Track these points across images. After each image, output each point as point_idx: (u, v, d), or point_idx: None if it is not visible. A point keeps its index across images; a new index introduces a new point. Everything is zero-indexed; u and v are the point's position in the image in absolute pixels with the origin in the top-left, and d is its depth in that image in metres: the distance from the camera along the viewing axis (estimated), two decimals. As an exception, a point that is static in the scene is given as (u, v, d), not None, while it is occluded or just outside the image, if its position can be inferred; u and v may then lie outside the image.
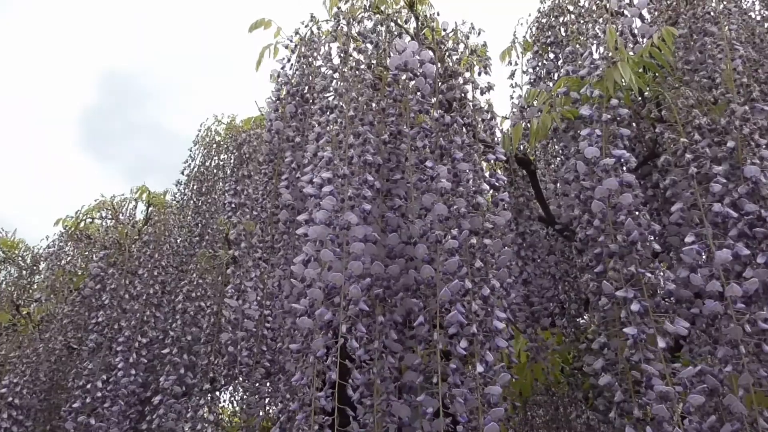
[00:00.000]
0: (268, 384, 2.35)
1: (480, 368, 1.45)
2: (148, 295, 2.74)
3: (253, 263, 2.16)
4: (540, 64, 2.52)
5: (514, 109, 2.55)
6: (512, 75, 2.61)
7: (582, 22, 2.25)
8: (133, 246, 2.93)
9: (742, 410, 1.39)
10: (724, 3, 2.29)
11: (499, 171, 2.30)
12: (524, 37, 2.68)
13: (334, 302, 1.53)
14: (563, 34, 2.46)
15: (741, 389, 1.41)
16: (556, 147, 2.42)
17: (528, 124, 2.09)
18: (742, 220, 1.65)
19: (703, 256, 1.62)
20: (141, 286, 2.76)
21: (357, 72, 1.90)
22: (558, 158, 2.35)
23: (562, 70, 2.20)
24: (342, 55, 1.97)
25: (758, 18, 2.54)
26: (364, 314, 1.56)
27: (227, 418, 3.74)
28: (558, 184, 2.39)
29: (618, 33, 1.92)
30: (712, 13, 2.05)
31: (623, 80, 1.77)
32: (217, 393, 2.65)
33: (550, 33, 2.52)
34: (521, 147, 2.37)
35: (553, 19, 2.53)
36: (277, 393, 2.13)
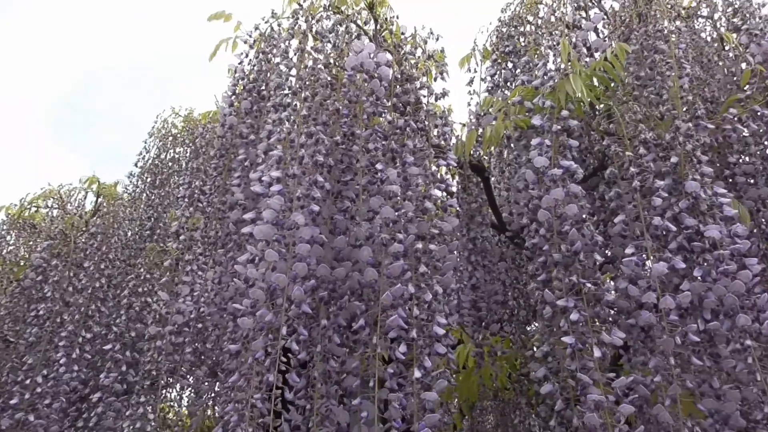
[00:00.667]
0: (207, 383, 2.31)
1: (418, 373, 1.45)
2: (94, 289, 2.66)
3: (193, 258, 2.12)
4: (498, 72, 2.55)
5: (471, 116, 2.58)
6: (471, 82, 2.64)
7: (540, 33, 2.28)
8: (80, 237, 2.85)
9: (668, 420, 1.43)
10: (676, 23, 2.35)
11: (452, 177, 2.31)
12: (484, 45, 2.70)
13: (277, 303, 1.51)
14: (522, 44, 2.49)
15: (668, 399, 1.44)
16: (510, 155, 2.44)
17: (483, 131, 2.10)
18: (681, 234, 1.69)
19: (642, 268, 1.66)
20: (86, 279, 2.69)
21: (313, 71, 1.89)
22: (511, 166, 2.38)
23: (518, 80, 2.22)
24: (299, 53, 1.96)
25: (708, 39, 2.62)
26: (307, 317, 1.55)
27: (174, 417, 3.66)
28: (511, 192, 2.42)
29: (572, 46, 1.95)
30: (663, 32, 2.10)
31: (575, 92, 1.79)
32: (163, 392, 2.59)
33: (508, 42, 2.55)
34: (476, 154, 2.40)
35: (513, 29, 2.56)
36: (221, 393, 2.10)
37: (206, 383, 2.57)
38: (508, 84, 2.50)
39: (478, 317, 2.16)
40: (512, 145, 2.09)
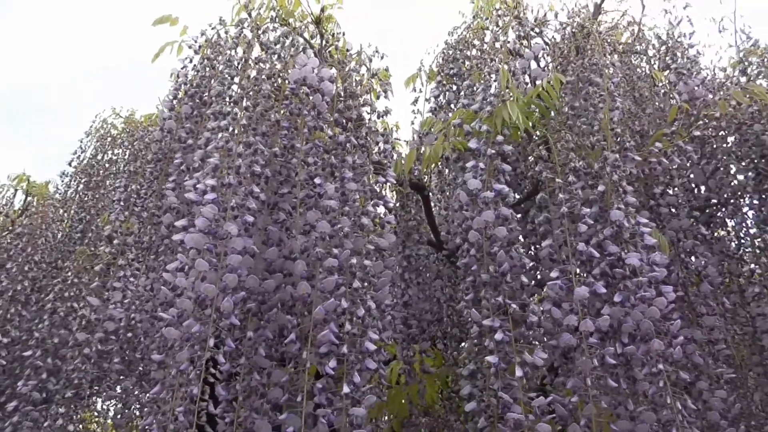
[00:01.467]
0: (135, 394, 2.24)
1: (347, 389, 1.45)
2: (15, 292, 2.55)
3: (126, 263, 2.07)
4: (442, 94, 2.60)
5: (415, 135, 2.63)
6: (415, 101, 2.68)
7: (483, 58, 2.34)
8: (5, 237, 2.72)
9: (584, 439, 1.49)
10: (612, 56, 2.47)
11: (391, 194, 2.34)
12: (430, 66, 2.76)
13: (205, 314, 1.49)
14: (466, 67, 2.56)
15: (584, 419, 1.50)
16: (450, 175, 2.49)
17: (423, 151, 2.14)
18: (604, 260, 1.77)
19: (567, 292, 1.72)
20: (8, 281, 2.57)
21: (256, 81, 1.88)
22: (450, 186, 2.43)
23: (460, 103, 2.28)
24: (242, 62, 1.95)
25: (642, 74, 2.75)
26: (236, 328, 1.54)
27: (99, 430, 3.52)
28: (449, 211, 2.47)
29: (512, 73, 2.02)
30: (597, 65, 2.20)
31: (511, 118, 1.85)
32: (87, 402, 2.50)
33: (453, 65, 2.61)
34: (416, 172, 2.44)
35: (458, 52, 2.63)
36: (146, 404, 2.04)
37: (134, 394, 2.49)
38: (451, 106, 2.55)
39: (408, 334, 2.18)
40: (450, 165, 2.14)
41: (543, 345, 1.70)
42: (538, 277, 2.06)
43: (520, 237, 2.15)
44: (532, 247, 2.15)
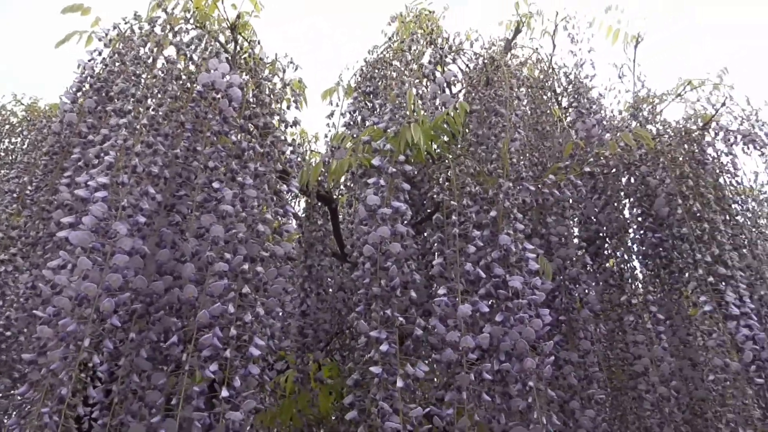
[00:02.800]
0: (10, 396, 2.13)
1: (225, 393, 1.45)
2: None
3: (8, 258, 1.98)
4: (357, 110, 2.66)
5: (327, 148, 2.66)
6: (331, 115, 2.73)
7: (400, 79, 2.42)
8: None
9: (456, 451, 1.55)
10: (520, 89, 2.61)
11: (297, 204, 2.37)
12: (349, 81, 2.81)
13: (84, 314, 1.45)
14: (382, 86, 2.63)
15: (458, 431, 1.57)
16: (358, 190, 2.54)
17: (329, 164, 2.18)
18: (490, 281, 1.86)
19: (454, 309, 1.80)
20: None
21: (164, 81, 1.87)
22: (357, 200, 2.48)
23: (371, 120, 2.33)
24: (151, 61, 1.93)
25: (548, 110, 2.92)
26: (118, 329, 1.50)
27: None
28: (354, 225, 2.51)
29: (419, 97, 2.10)
30: (502, 97, 2.32)
31: (413, 140, 1.93)
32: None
33: (370, 83, 2.68)
34: (325, 185, 2.47)
35: (376, 71, 2.70)
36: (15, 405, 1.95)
37: (9, 395, 2.36)
38: (365, 122, 2.61)
39: (304, 343, 2.20)
40: (356, 180, 2.19)
41: (427, 359, 1.76)
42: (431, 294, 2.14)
43: (421, 255, 2.24)
44: (429, 265, 2.23)
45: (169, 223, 1.72)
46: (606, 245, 2.70)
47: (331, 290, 2.50)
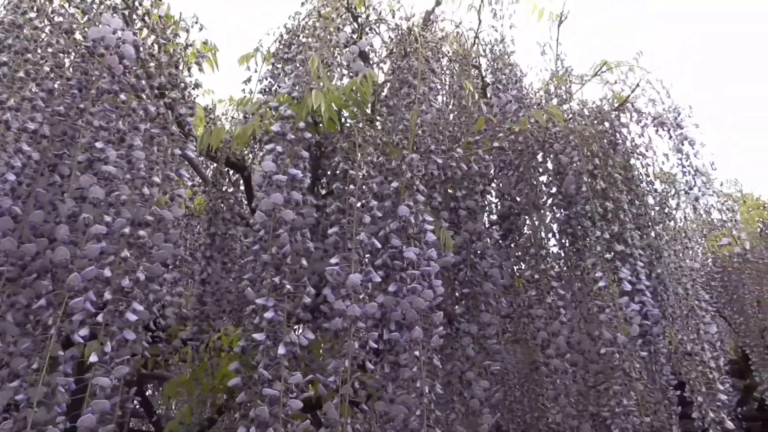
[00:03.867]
0: None
1: (94, 358, 1.41)
2: None
3: None
4: (274, 76, 2.60)
5: (241, 114, 2.60)
6: (248, 81, 2.66)
7: (309, 45, 2.37)
8: None
9: (335, 417, 1.56)
10: (437, 63, 2.60)
11: (201, 169, 2.31)
12: (268, 48, 2.75)
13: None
14: (297, 53, 2.57)
15: (338, 397, 1.58)
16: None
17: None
18: (387, 252, 1.87)
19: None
20: None
21: (50, 35, 1.77)
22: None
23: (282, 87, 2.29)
24: (38, 13, 1.82)
25: (471, 88, 2.92)
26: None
27: None
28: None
29: (324, 63, 2.06)
30: (418, 69, 2.30)
31: (313, 106, 1.89)
32: None
33: (288, 50, 2.61)
34: (237, 152, 2.42)
35: (295, 37, 2.63)
36: None
37: None
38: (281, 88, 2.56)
39: (202, 311, 2.17)
40: (261, 147, 2.15)
41: (315, 326, 1.76)
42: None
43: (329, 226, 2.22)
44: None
45: (49, 184, 1.64)
46: (519, 221, 2.75)
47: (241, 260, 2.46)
